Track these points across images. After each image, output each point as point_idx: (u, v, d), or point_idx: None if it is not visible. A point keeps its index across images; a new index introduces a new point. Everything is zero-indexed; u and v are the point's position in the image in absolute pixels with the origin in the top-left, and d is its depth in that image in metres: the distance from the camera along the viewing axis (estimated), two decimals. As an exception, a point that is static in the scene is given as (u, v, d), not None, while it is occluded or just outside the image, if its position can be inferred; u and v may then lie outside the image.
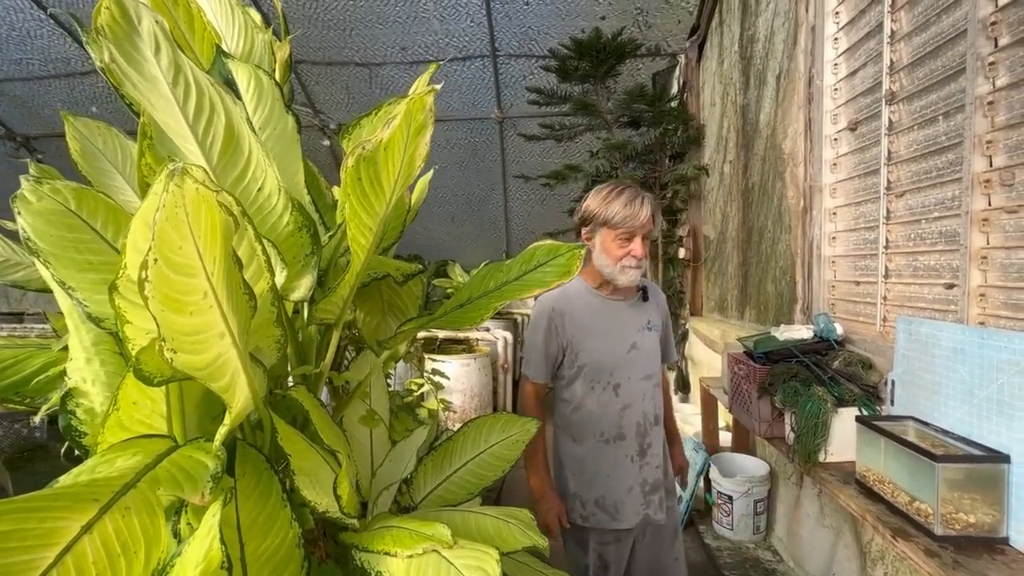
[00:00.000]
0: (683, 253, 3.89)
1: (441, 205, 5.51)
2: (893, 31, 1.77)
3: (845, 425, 1.62)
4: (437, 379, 3.53)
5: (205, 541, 0.64)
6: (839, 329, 1.91)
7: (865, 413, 1.62)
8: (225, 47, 1.08)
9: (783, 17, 2.45)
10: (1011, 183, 1.34)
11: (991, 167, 1.40)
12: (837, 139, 2.12)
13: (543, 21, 3.77)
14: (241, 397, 0.69)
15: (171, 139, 0.81)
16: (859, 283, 1.99)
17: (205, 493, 0.66)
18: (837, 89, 2.12)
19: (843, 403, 1.67)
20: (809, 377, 1.77)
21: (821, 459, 1.66)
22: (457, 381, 4.07)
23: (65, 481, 0.63)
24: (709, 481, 2.72)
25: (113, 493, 0.57)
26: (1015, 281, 1.34)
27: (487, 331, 4.67)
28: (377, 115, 1.02)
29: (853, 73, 2.01)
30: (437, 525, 0.80)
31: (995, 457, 1.20)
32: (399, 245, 1.36)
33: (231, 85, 0.98)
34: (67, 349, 0.86)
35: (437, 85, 0.82)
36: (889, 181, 1.80)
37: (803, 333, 1.94)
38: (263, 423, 0.86)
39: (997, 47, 1.37)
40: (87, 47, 0.80)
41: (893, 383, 1.58)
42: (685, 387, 3.94)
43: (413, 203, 1.31)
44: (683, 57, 3.97)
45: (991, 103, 1.39)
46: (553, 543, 1.43)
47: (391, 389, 3.22)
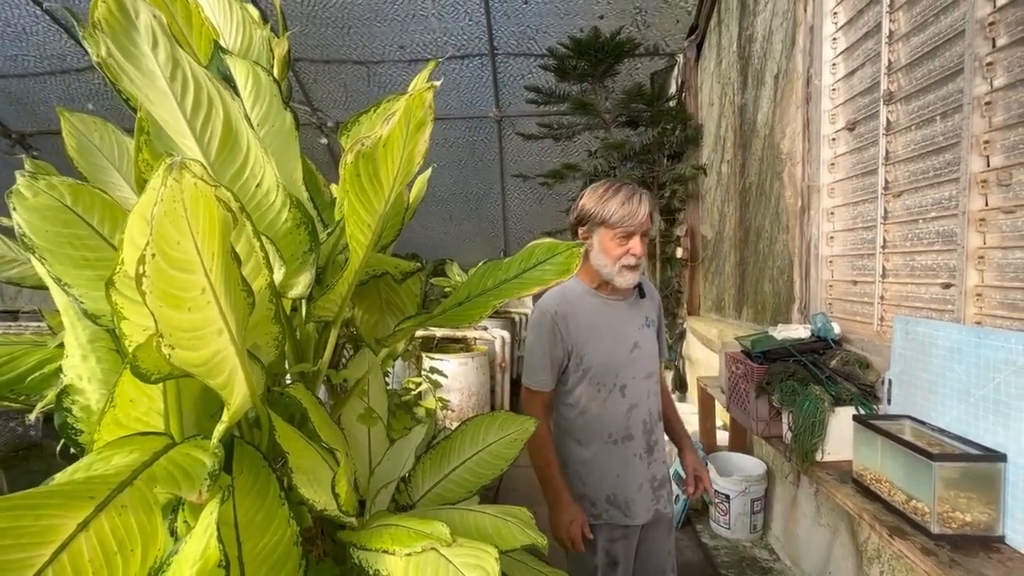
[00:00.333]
0: (681, 253, 3.90)
1: (439, 204, 5.51)
2: (891, 31, 1.77)
3: (842, 424, 1.63)
4: (435, 378, 3.53)
5: (202, 539, 0.63)
6: (836, 328, 1.91)
7: (862, 412, 1.63)
8: (223, 43, 1.07)
9: (781, 17, 2.45)
10: (1008, 183, 1.35)
11: (988, 167, 1.40)
12: (835, 139, 2.12)
13: (542, 20, 3.77)
14: (239, 394, 0.68)
15: (169, 135, 0.80)
16: (856, 283, 2.00)
17: (202, 491, 0.65)
18: (835, 89, 2.12)
19: (840, 402, 1.67)
20: (806, 376, 1.77)
21: (818, 458, 1.66)
22: (455, 380, 4.07)
23: (61, 479, 0.63)
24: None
25: (110, 491, 0.57)
26: (1011, 281, 1.34)
27: (485, 330, 4.66)
28: (376, 112, 1.02)
29: (851, 73, 2.01)
30: (436, 523, 0.80)
31: (991, 456, 1.20)
32: (397, 244, 1.35)
33: (229, 81, 0.97)
34: (63, 346, 0.85)
35: (436, 82, 0.82)
36: (887, 181, 1.81)
37: (801, 332, 1.95)
38: (261, 421, 0.86)
39: (995, 47, 1.38)
40: (84, 42, 0.80)
41: (890, 382, 1.59)
42: (682, 386, 3.94)
43: (411, 201, 1.31)
44: (681, 57, 3.98)
45: (989, 103, 1.39)
46: (555, 546, 1.42)
47: (389, 388, 3.22)
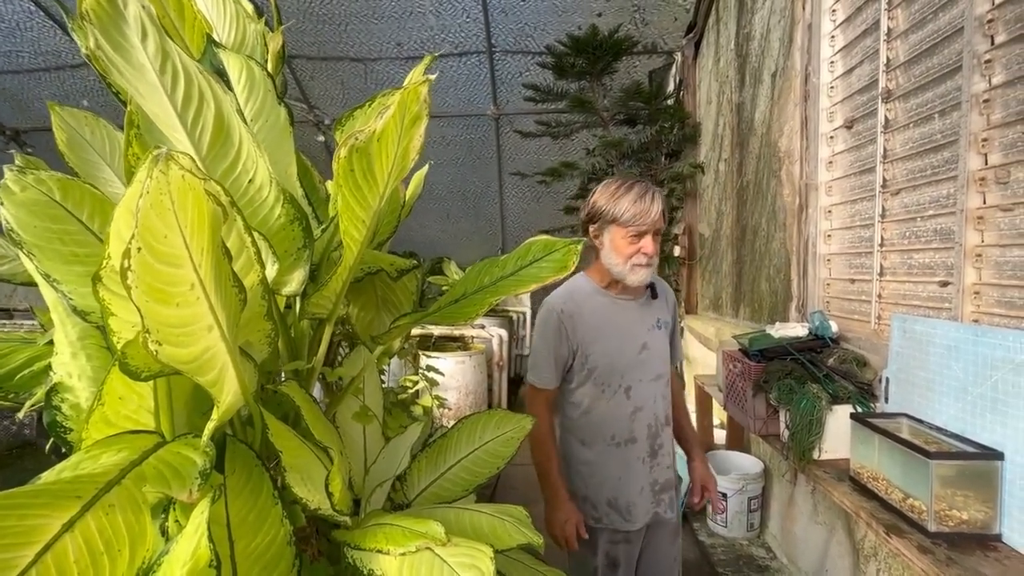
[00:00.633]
0: (678, 251, 3.90)
1: (437, 202, 5.49)
2: (890, 28, 1.77)
3: (839, 422, 1.63)
4: (432, 376, 3.52)
5: (193, 539, 0.62)
6: (834, 327, 1.91)
7: (859, 410, 1.63)
8: (216, 37, 1.06)
9: (779, 15, 2.45)
10: (1006, 181, 1.34)
11: (986, 165, 1.40)
12: (833, 137, 2.12)
13: (540, 17, 3.76)
14: (230, 392, 0.67)
15: (159, 129, 0.79)
16: (854, 281, 2.00)
17: (193, 490, 0.64)
18: (833, 87, 2.12)
19: (838, 400, 1.67)
20: (804, 375, 1.77)
21: (815, 456, 1.66)
22: (452, 378, 4.06)
23: (48, 478, 0.62)
24: (706, 461, 2.72)
25: (97, 490, 0.56)
26: (1009, 279, 1.34)
27: (482, 328, 4.65)
28: (371, 106, 1.01)
29: (849, 71, 2.01)
30: (430, 522, 0.79)
31: (988, 454, 1.20)
32: (394, 242, 1.34)
33: (222, 75, 0.96)
34: (52, 343, 0.84)
35: (431, 75, 0.81)
36: (885, 179, 1.80)
37: (798, 331, 1.95)
38: (254, 419, 0.85)
39: (993, 44, 1.37)
40: (72, 34, 0.78)
41: (887, 380, 1.59)
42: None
43: (408, 198, 1.30)
44: (679, 55, 3.97)
45: (987, 101, 1.39)
46: (553, 547, 1.40)
47: (386, 386, 3.21)
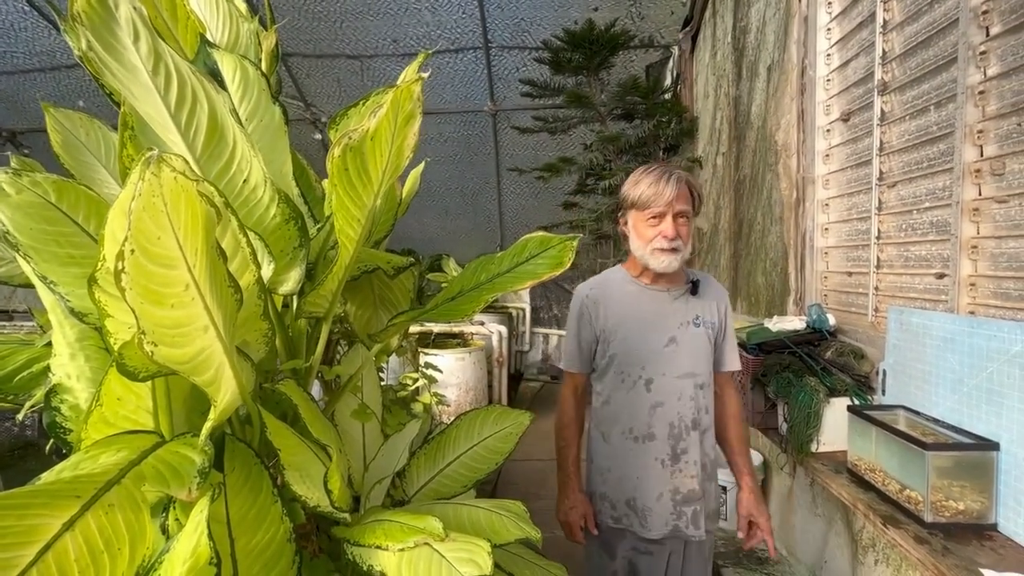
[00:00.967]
0: (677, 246, 3.89)
1: (435, 199, 5.48)
2: (885, 21, 1.76)
3: (837, 415, 1.63)
4: (431, 373, 3.53)
5: (193, 537, 0.63)
6: (831, 320, 1.91)
7: (857, 403, 1.63)
8: (209, 36, 1.05)
9: (775, 7, 2.44)
10: (1001, 172, 1.35)
11: (982, 157, 1.40)
12: (830, 130, 2.12)
13: (536, 12, 3.74)
14: (227, 392, 0.68)
15: (153, 130, 0.79)
16: (851, 274, 2.00)
17: (192, 489, 0.65)
18: (830, 80, 2.11)
19: (835, 393, 1.68)
20: (802, 368, 1.78)
21: (813, 449, 1.67)
22: (452, 375, 4.07)
23: (47, 478, 0.62)
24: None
25: (96, 489, 0.56)
26: (1005, 270, 1.34)
27: (482, 325, 4.66)
28: (365, 105, 1.01)
29: (845, 63, 2.00)
30: (428, 518, 0.80)
31: (984, 445, 1.21)
32: (392, 239, 1.34)
33: (216, 75, 0.96)
34: (51, 345, 0.84)
35: (424, 73, 0.81)
36: (881, 172, 1.80)
37: (796, 324, 1.95)
38: (252, 418, 0.86)
39: (988, 36, 1.37)
40: (65, 35, 0.78)
41: (884, 373, 1.59)
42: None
43: (404, 196, 1.30)
44: (676, 49, 3.96)
45: (982, 93, 1.39)
46: (565, 547, 1.39)
47: (384, 383, 3.21)
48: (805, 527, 2.17)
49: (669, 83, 4.13)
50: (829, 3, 2.10)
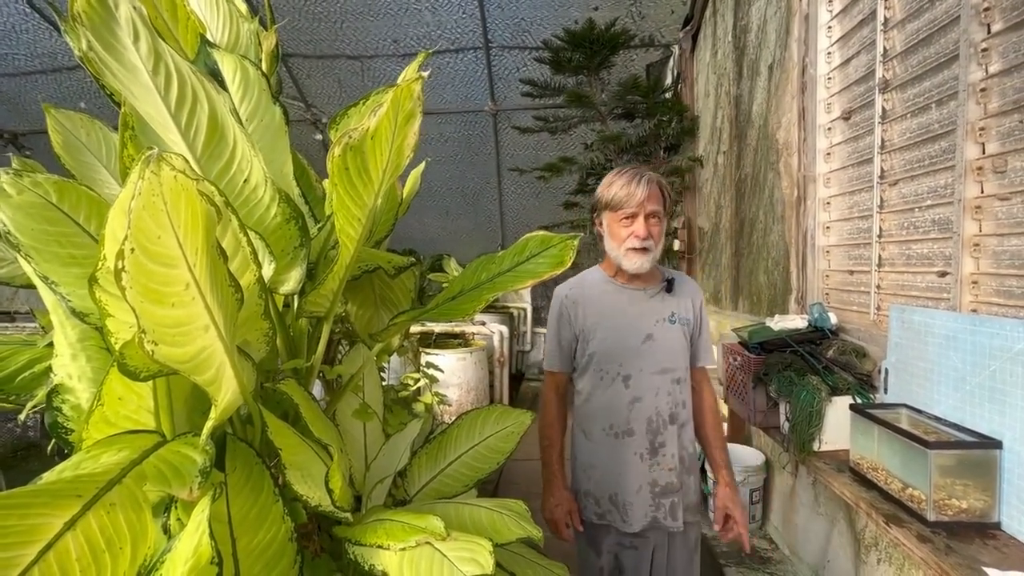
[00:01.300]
0: (678, 245, 3.89)
1: (435, 199, 5.49)
2: (886, 18, 1.76)
3: (839, 414, 1.63)
4: (432, 373, 3.53)
5: (194, 536, 0.63)
6: (833, 318, 1.91)
7: (859, 401, 1.63)
8: (210, 37, 1.06)
9: (776, 5, 2.44)
10: (1003, 170, 1.34)
11: (984, 154, 1.40)
12: (831, 128, 2.11)
13: (536, 12, 3.74)
14: (228, 391, 0.68)
15: (154, 130, 0.79)
16: (853, 272, 1.99)
17: (193, 488, 0.65)
18: (831, 78, 2.11)
19: (837, 392, 1.67)
20: (803, 367, 1.77)
21: (815, 448, 1.66)
22: (453, 375, 4.07)
23: (49, 478, 0.62)
24: (705, 471, 2.74)
25: (98, 489, 0.56)
26: (1007, 268, 1.34)
27: (483, 325, 4.66)
28: (365, 105, 1.01)
29: (847, 61, 2.00)
30: (430, 517, 0.80)
31: (987, 443, 1.20)
32: (393, 239, 1.35)
33: (216, 76, 0.96)
34: (52, 345, 0.85)
35: (424, 72, 0.81)
36: (882, 170, 1.80)
37: (797, 323, 1.95)
38: (253, 417, 0.86)
39: (990, 33, 1.37)
40: (65, 36, 0.79)
41: (886, 371, 1.59)
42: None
43: (405, 196, 1.30)
44: (677, 48, 3.95)
45: (984, 90, 1.38)
46: (561, 544, 1.40)
47: (386, 383, 3.22)
48: (808, 526, 2.17)
49: (670, 82, 4.12)
50: (830, 1, 2.10)
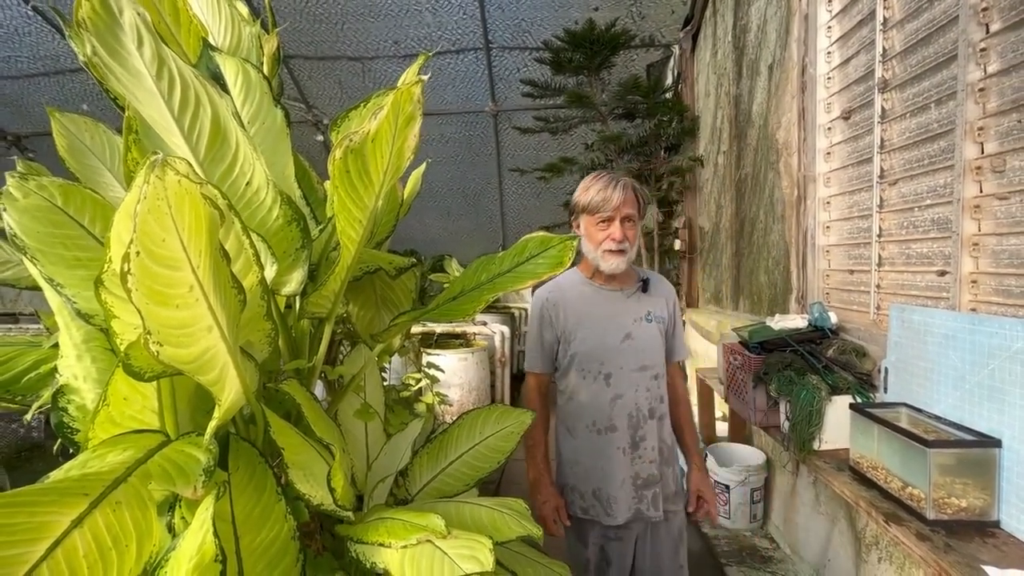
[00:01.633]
0: (679, 245, 3.90)
1: (436, 200, 5.50)
2: (886, 18, 1.76)
3: (839, 413, 1.63)
4: (433, 373, 3.54)
5: (198, 535, 0.64)
6: (833, 318, 1.91)
7: (859, 401, 1.63)
8: (212, 40, 1.07)
9: (776, 5, 2.44)
10: (1002, 169, 1.34)
11: (982, 154, 1.40)
12: (830, 128, 2.12)
13: (536, 13, 3.75)
14: (231, 391, 0.68)
15: (157, 134, 0.80)
16: (853, 272, 2.00)
17: (197, 487, 0.66)
18: (830, 78, 2.11)
19: (837, 391, 1.68)
20: (803, 366, 1.78)
21: (816, 447, 1.67)
22: (454, 375, 4.08)
23: (56, 476, 0.63)
24: (706, 471, 2.74)
25: (104, 487, 0.57)
26: (1006, 267, 1.34)
27: (484, 325, 4.67)
28: (366, 107, 1.01)
29: (846, 61, 2.00)
30: (431, 516, 0.80)
31: (986, 442, 1.21)
32: (395, 240, 1.35)
33: (218, 79, 0.97)
34: (58, 346, 0.85)
35: (425, 75, 0.81)
36: (882, 169, 1.80)
37: (797, 322, 1.95)
38: (256, 417, 0.86)
39: (988, 33, 1.37)
40: (70, 41, 0.80)
41: (886, 370, 1.59)
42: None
43: (406, 197, 1.31)
44: (677, 48, 3.96)
45: (982, 90, 1.39)
46: (555, 539, 1.43)
47: (387, 383, 3.23)
48: (808, 525, 2.17)
49: (670, 82, 4.13)
50: (829, 1, 2.10)
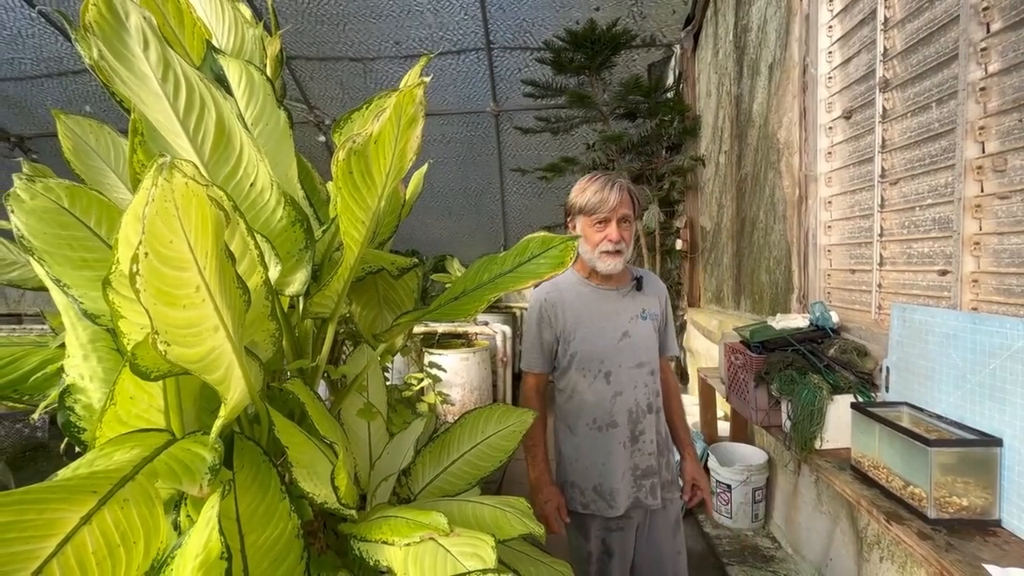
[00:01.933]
0: (680, 244, 3.90)
1: (438, 200, 5.51)
2: (886, 18, 1.77)
3: (840, 412, 1.64)
4: (435, 373, 3.55)
5: (204, 532, 0.64)
6: (835, 317, 1.92)
7: (860, 400, 1.63)
8: (215, 43, 1.07)
9: (776, 5, 2.44)
10: (1003, 169, 1.35)
11: (983, 153, 1.40)
12: (831, 127, 2.12)
13: (537, 13, 3.76)
14: (236, 390, 0.69)
15: (162, 136, 0.81)
16: (854, 271, 2.00)
17: (203, 485, 0.67)
18: (831, 77, 2.12)
19: (838, 391, 1.68)
20: (805, 365, 1.78)
21: (817, 446, 1.67)
22: (456, 375, 4.09)
23: (64, 474, 0.64)
24: (708, 470, 2.75)
25: (112, 485, 0.58)
26: (1007, 266, 1.34)
27: (486, 325, 4.67)
28: (368, 109, 1.02)
29: (847, 61, 2.00)
30: (434, 514, 0.81)
31: (987, 441, 1.21)
32: (397, 240, 1.36)
33: (222, 81, 0.98)
34: (64, 346, 0.86)
35: (427, 77, 0.82)
36: (883, 169, 1.81)
37: (799, 322, 1.95)
38: (260, 416, 0.87)
39: (989, 32, 1.37)
40: (76, 44, 0.80)
41: (888, 370, 1.60)
42: (683, 378, 3.96)
43: (408, 197, 1.32)
44: (678, 47, 3.96)
45: (983, 89, 1.39)
46: (557, 538, 1.44)
47: (389, 383, 3.24)
48: (810, 524, 2.18)
49: (671, 82, 4.13)
50: (830, 0, 2.10)
